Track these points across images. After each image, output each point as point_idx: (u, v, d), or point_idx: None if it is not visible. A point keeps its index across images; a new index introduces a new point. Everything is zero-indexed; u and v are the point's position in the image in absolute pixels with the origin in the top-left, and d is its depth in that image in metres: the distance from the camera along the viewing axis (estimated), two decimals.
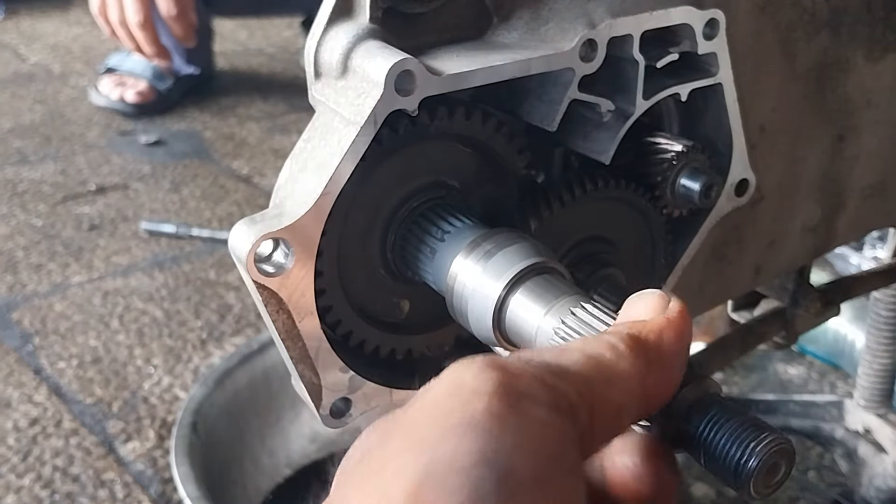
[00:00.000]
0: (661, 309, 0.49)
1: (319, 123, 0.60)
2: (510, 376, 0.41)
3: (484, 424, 0.39)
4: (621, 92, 0.67)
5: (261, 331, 1.94)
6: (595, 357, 0.45)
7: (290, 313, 0.60)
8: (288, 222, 0.57)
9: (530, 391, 0.41)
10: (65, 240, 2.36)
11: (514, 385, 0.41)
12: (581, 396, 0.43)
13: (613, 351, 0.45)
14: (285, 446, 1.63)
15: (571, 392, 0.42)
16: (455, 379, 0.42)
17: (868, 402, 1.46)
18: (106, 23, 2.49)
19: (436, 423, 0.40)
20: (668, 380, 0.47)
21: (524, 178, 0.69)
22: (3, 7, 4.23)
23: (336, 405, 0.65)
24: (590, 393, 0.43)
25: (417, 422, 0.41)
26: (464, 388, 0.41)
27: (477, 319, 0.60)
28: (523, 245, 0.59)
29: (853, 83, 0.85)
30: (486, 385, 0.41)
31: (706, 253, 0.81)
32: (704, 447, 0.48)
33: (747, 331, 1.01)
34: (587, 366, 0.44)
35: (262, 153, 2.88)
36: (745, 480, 0.46)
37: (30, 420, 1.72)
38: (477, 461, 0.38)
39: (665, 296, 0.50)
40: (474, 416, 0.40)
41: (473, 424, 0.39)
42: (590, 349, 0.45)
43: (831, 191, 0.89)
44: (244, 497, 1.54)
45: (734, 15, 0.72)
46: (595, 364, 0.45)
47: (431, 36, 0.63)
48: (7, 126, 3.03)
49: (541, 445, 0.40)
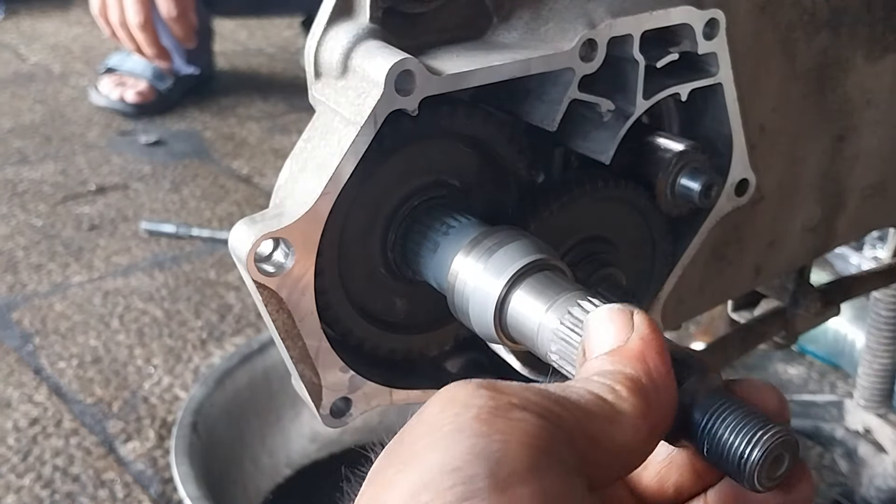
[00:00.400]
0: (629, 327, 0.48)
1: (319, 123, 0.60)
2: (502, 393, 0.42)
3: (473, 428, 0.40)
4: (621, 92, 0.67)
5: (261, 331, 1.94)
6: (599, 396, 0.45)
7: (290, 313, 0.60)
8: (288, 222, 0.57)
9: (520, 403, 0.42)
10: (65, 240, 2.36)
11: (506, 399, 0.42)
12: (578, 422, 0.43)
13: (614, 393, 0.45)
14: (285, 446, 1.63)
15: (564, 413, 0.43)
16: (448, 396, 0.43)
17: (868, 402, 1.46)
18: (106, 24, 2.49)
19: (429, 435, 0.41)
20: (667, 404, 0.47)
21: (524, 178, 0.69)
22: (3, 7, 4.23)
23: (336, 405, 0.65)
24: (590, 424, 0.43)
25: (414, 438, 0.42)
26: (456, 403, 0.42)
27: (478, 317, 0.60)
28: (524, 242, 0.59)
29: (853, 83, 0.85)
30: (477, 399, 0.42)
31: (706, 253, 0.81)
32: (708, 439, 0.47)
33: (747, 331, 1.01)
34: (592, 403, 0.44)
35: (262, 153, 2.88)
36: (748, 472, 0.46)
37: (30, 420, 1.72)
38: (467, 459, 0.39)
39: (626, 311, 0.49)
40: (464, 423, 0.41)
41: (463, 429, 0.40)
42: (593, 388, 0.45)
43: (831, 191, 0.89)
44: (244, 497, 1.54)
45: (734, 15, 0.72)
46: (600, 403, 0.44)
47: (431, 36, 0.63)
48: (7, 126, 3.03)
49: (531, 438, 0.40)
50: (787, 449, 0.46)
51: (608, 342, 0.48)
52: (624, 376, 0.46)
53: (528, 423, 0.41)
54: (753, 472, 0.46)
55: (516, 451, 0.39)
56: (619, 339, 0.48)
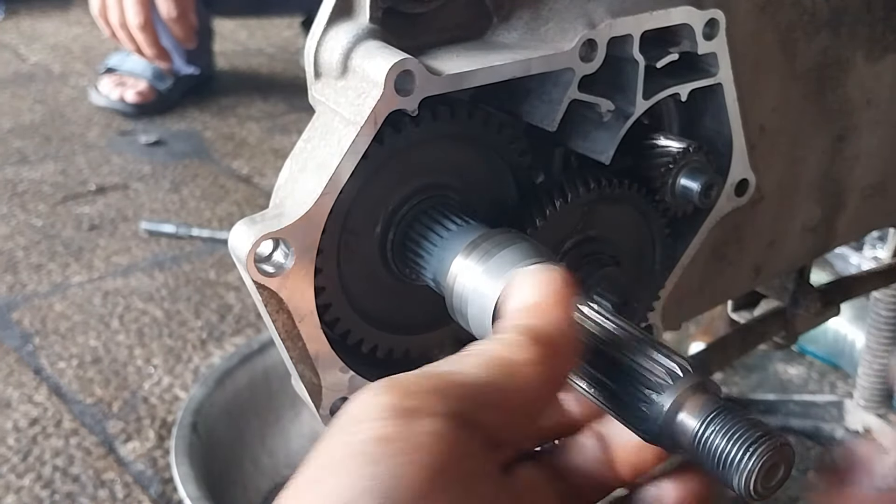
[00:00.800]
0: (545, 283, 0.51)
1: (319, 123, 0.60)
2: (401, 396, 0.42)
3: (367, 452, 0.40)
4: (621, 92, 0.67)
5: (261, 331, 1.94)
6: (494, 356, 0.46)
7: (290, 313, 0.60)
8: (288, 222, 0.57)
9: (423, 406, 0.42)
10: (65, 240, 2.36)
11: (404, 405, 0.41)
12: (481, 399, 0.44)
13: (510, 346, 0.47)
14: (285, 446, 1.63)
15: (467, 397, 0.43)
16: (348, 413, 0.42)
17: (868, 402, 1.46)
18: (106, 24, 2.49)
19: (327, 459, 0.40)
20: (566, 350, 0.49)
21: (524, 179, 0.69)
22: (3, 7, 4.23)
23: (336, 405, 0.65)
24: (493, 392, 0.44)
25: (313, 463, 0.41)
26: (352, 420, 0.42)
27: (476, 319, 0.60)
28: (523, 245, 0.59)
29: (853, 83, 0.85)
30: (373, 412, 0.41)
31: (706, 253, 0.81)
32: (703, 448, 0.47)
33: (747, 331, 1.01)
34: (487, 367, 0.45)
35: (262, 153, 2.88)
36: (743, 481, 0.46)
37: (30, 420, 1.72)
38: (360, 492, 0.38)
39: (538, 270, 0.52)
40: (358, 446, 0.40)
41: (356, 454, 0.40)
42: (489, 350, 0.47)
43: (831, 191, 0.89)
44: (244, 497, 1.54)
45: (734, 15, 0.72)
46: (496, 363, 0.46)
47: (431, 36, 0.63)
48: (7, 126, 3.03)
49: (430, 458, 0.40)
50: (782, 457, 0.46)
51: (521, 299, 0.51)
52: (524, 327, 0.48)
53: (429, 436, 0.41)
54: (749, 481, 0.46)
55: (412, 478, 0.39)
56: (530, 296, 0.50)
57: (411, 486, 0.39)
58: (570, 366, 0.50)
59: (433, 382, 0.44)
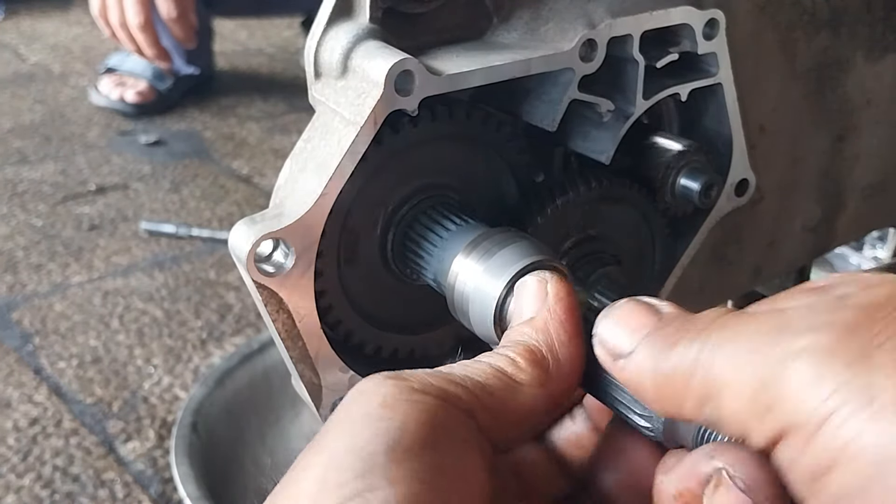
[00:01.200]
0: (542, 297, 0.53)
1: (319, 123, 0.60)
2: (405, 381, 0.46)
3: (377, 413, 0.44)
4: (621, 92, 0.67)
5: (261, 331, 1.94)
6: (498, 369, 0.49)
7: (290, 313, 0.60)
8: (288, 222, 0.57)
9: (420, 387, 0.46)
10: (65, 240, 2.36)
11: (408, 384, 0.46)
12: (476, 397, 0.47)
13: (514, 365, 0.50)
14: (285, 446, 1.63)
15: (468, 396, 0.47)
16: (359, 388, 0.47)
17: None
18: (106, 24, 2.49)
19: (341, 423, 0.45)
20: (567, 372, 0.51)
21: (524, 177, 0.69)
22: (3, 7, 4.23)
23: (336, 405, 0.65)
24: (493, 400, 0.48)
25: (329, 427, 0.46)
26: (365, 393, 0.46)
27: (478, 318, 0.60)
28: (524, 243, 0.59)
29: (853, 83, 0.85)
30: (383, 388, 0.46)
31: (706, 253, 0.81)
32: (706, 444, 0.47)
33: None
34: (492, 377, 0.49)
35: (262, 153, 2.88)
36: None
37: (30, 420, 1.72)
38: (369, 439, 0.43)
39: (543, 281, 0.54)
40: (370, 410, 0.45)
41: (366, 415, 0.44)
42: (494, 362, 0.50)
43: (831, 191, 0.89)
44: (244, 497, 1.54)
45: (734, 15, 0.72)
46: (499, 376, 0.49)
47: (431, 36, 0.63)
48: (7, 126, 3.03)
49: (428, 416, 0.44)
50: None
51: (526, 312, 0.53)
52: (524, 348, 0.50)
53: (425, 404, 0.45)
54: None
55: (413, 429, 0.43)
56: (534, 310, 0.53)
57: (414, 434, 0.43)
58: (569, 389, 0.51)
59: (437, 378, 0.47)
